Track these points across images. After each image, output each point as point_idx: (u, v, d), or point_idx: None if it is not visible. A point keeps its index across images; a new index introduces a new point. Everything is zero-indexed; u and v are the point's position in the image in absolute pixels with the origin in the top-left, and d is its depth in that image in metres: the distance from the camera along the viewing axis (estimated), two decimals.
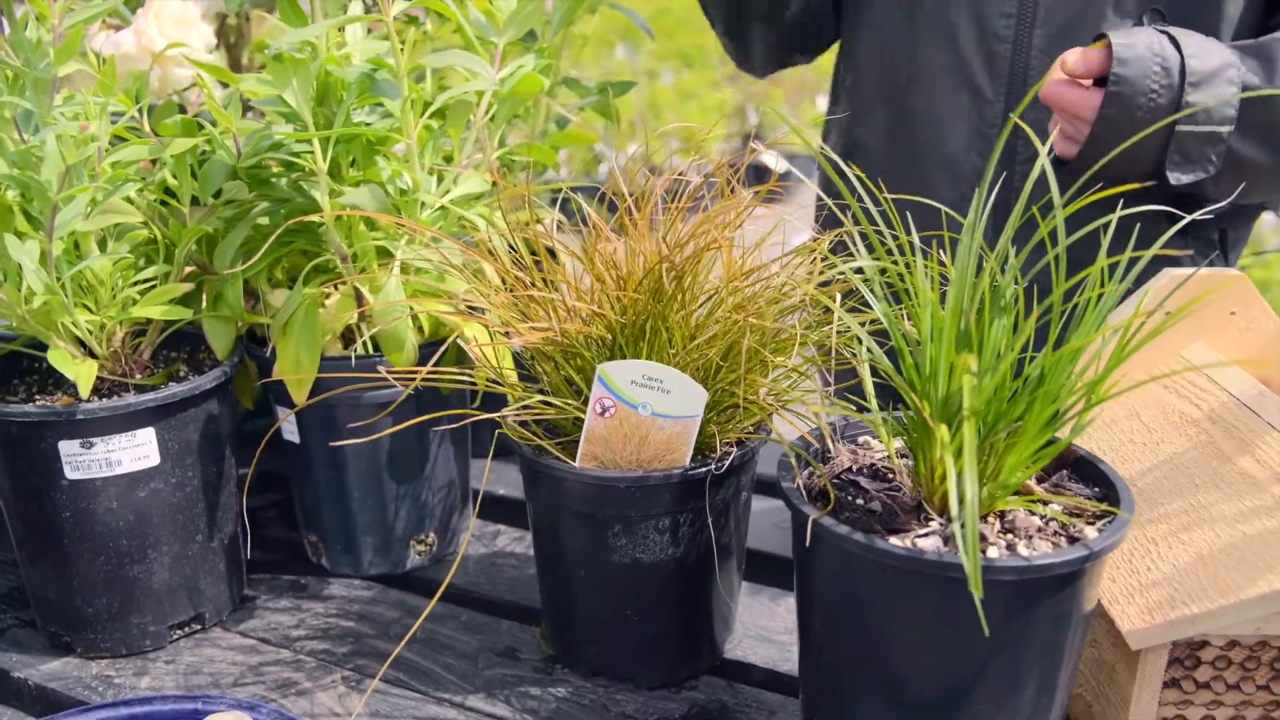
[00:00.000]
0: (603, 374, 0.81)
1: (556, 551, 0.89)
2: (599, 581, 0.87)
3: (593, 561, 0.86)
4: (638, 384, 0.81)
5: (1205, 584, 0.70)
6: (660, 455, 0.83)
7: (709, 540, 0.86)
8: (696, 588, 0.88)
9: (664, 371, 0.80)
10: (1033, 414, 0.68)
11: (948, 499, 0.71)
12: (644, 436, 0.82)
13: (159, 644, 0.95)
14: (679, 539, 0.85)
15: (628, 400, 0.82)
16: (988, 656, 0.68)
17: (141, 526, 0.91)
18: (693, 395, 0.81)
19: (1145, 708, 0.75)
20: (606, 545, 0.85)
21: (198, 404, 0.92)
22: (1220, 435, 0.80)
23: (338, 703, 0.88)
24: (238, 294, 0.93)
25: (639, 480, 0.81)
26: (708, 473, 0.82)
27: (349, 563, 1.06)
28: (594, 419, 0.83)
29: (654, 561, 0.85)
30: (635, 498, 0.82)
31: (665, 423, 0.82)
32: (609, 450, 0.83)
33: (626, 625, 0.88)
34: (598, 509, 0.84)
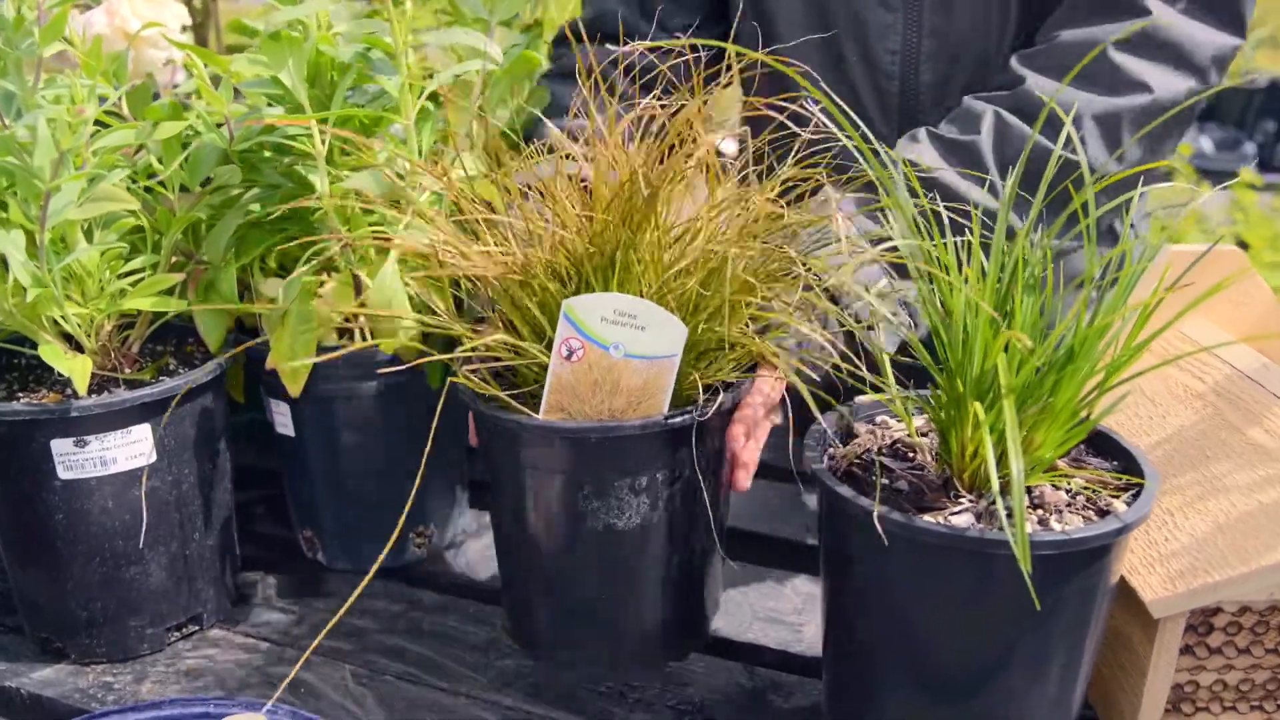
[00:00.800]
0: (569, 310, 0.72)
1: (518, 523, 0.81)
2: (568, 555, 0.79)
3: (560, 531, 0.78)
4: (609, 321, 0.72)
5: (1225, 552, 0.72)
6: (635, 403, 0.74)
7: (694, 501, 0.77)
8: (682, 557, 0.81)
9: (639, 305, 0.72)
10: (1062, 391, 0.69)
11: (977, 476, 0.72)
12: (616, 381, 0.74)
13: (157, 647, 0.92)
14: (659, 500, 0.76)
15: (597, 340, 0.73)
16: (1021, 631, 0.69)
17: (138, 526, 0.88)
18: (672, 332, 0.72)
19: (1162, 675, 0.76)
20: (576, 510, 0.76)
21: (193, 398, 0.89)
22: (1226, 408, 0.82)
23: (350, 700, 0.86)
24: (231, 284, 0.90)
25: (611, 430, 0.73)
26: (692, 420, 0.74)
27: (347, 557, 1.03)
28: (559, 363, 0.74)
29: (631, 528, 0.76)
30: (607, 452, 0.73)
31: (640, 365, 0.73)
32: (576, 399, 0.74)
33: (602, 605, 0.81)
34: (565, 468, 0.75)
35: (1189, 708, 0.79)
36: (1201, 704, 0.79)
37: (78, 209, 0.80)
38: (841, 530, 0.72)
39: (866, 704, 0.75)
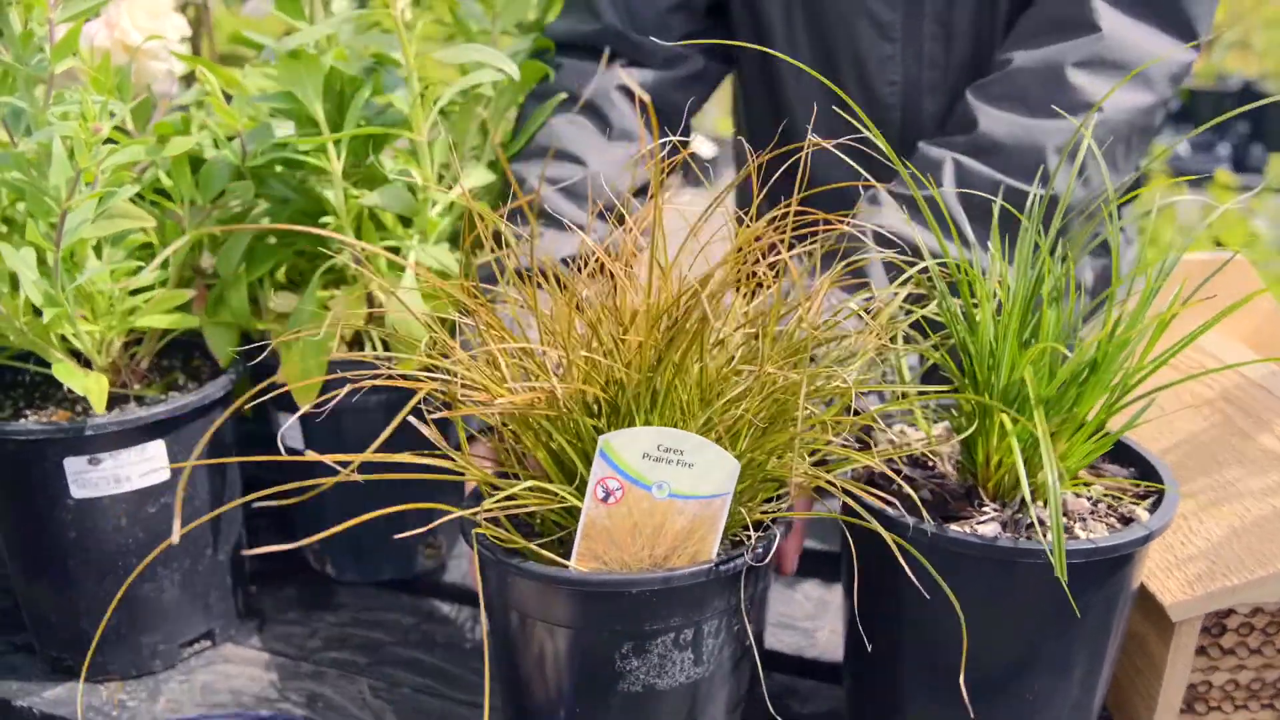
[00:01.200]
0: (606, 447, 0.64)
1: (539, 686, 0.71)
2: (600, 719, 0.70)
3: (591, 696, 0.68)
4: (651, 458, 0.64)
5: (1242, 556, 0.74)
6: (678, 548, 0.67)
7: (741, 650, 0.70)
8: (725, 716, 0.73)
9: (686, 439, 0.64)
10: (1084, 402, 0.70)
11: (1001, 486, 0.73)
12: (659, 525, 0.66)
13: (170, 663, 0.92)
14: (704, 654, 0.68)
15: (638, 480, 0.65)
16: (1046, 638, 0.70)
17: (152, 544, 0.87)
18: (723, 468, 0.65)
19: (1179, 675, 0.78)
20: (612, 672, 0.67)
21: (206, 414, 0.88)
22: (1236, 414, 0.83)
23: (370, 713, 0.86)
24: (242, 298, 0.90)
25: (661, 582, 0.64)
26: (742, 566, 0.67)
27: (356, 569, 1.03)
28: (594, 506, 0.65)
29: (673, 687, 0.68)
30: (652, 605, 0.65)
31: (687, 505, 0.65)
32: (613, 546, 0.66)
33: None
34: (602, 625, 0.66)
35: (1202, 707, 0.80)
36: (1214, 703, 0.80)
37: (92, 227, 0.79)
38: (867, 539, 0.73)
39: (889, 710, 0.76)
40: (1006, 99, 0.92)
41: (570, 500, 0.67)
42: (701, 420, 0.68)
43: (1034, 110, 0.90)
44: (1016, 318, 0.68)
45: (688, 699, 0.69)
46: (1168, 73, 0.92)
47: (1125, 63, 0.90)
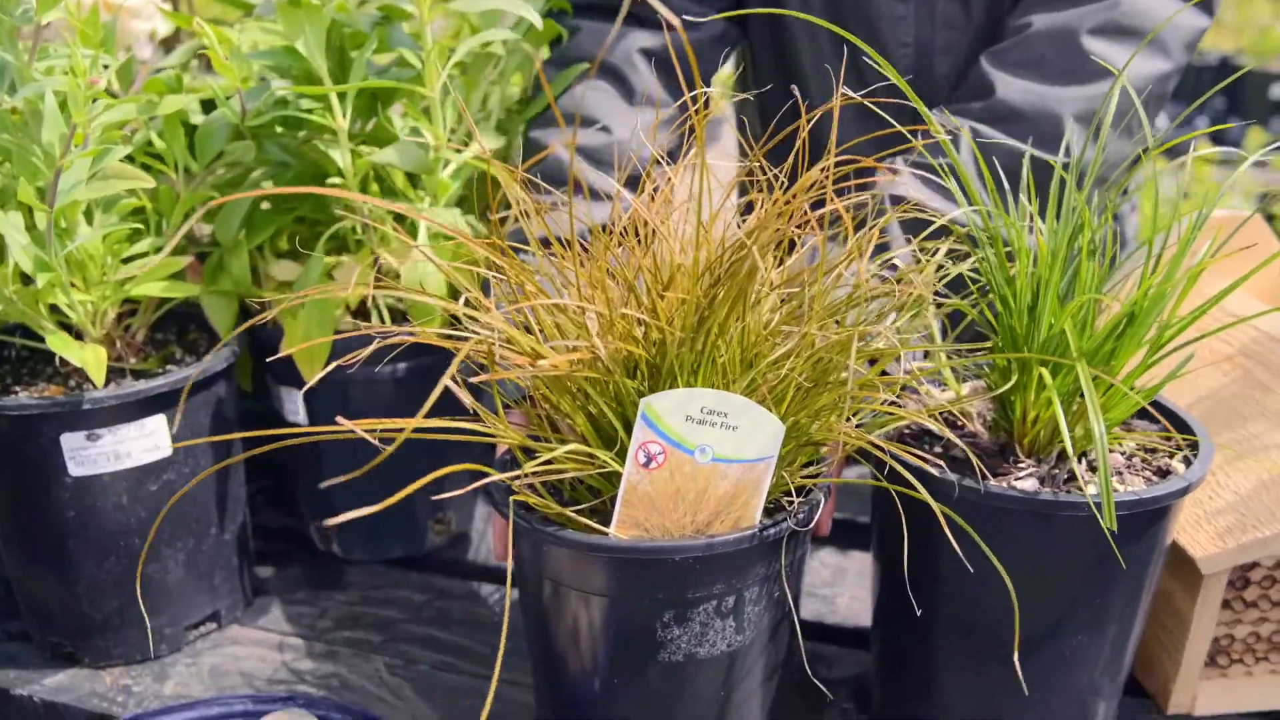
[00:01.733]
0: (648, 410, 0.62)
1: (572, 657, 0.69)
2: (639, 691, 0.67)
3: (630, 665, 0.67)
4: (694, 420, 0.62)
5: (1272, 508, 0.74)
6: (721, 513, 0.65)
7: (781, 616, 0.69)
8: (767, 680, 0.71)
9: (729, 401, 0.62)
10: (1121, 355, 0.69)
11: (1037, 442, 0.72)
12: (702, 490, 0.64)
13: (176, 646, 0.89)
14: (746, 621, 0.66)
15: (681, 444, 0.63)
16: (1084, 594, 0.69)
17: (154, 522, 0.84)
18: (767, 431, 0.62)
19: (1205, 628, 0.78)
20: (653, 641, 0.65)
21: (207, 387, 0.85)
22: (1257, 369, 0.84)
23: (388, 691, 0.84)
24: (243, 266, 0.86)
25: (704, 548, 0.62)
26: (784, 531, 0.65)
27: (364, 547, 1.00)
28: (635, 471, 0.63)
29: (714, 656, 0.67)
30: (695, 572, 0.63)
31: (731, 470, 0.63)
32: (654, 512, 0.64)
33: None
34: (643, 593, 0.64)
35: (1224, 660, 0.81)
36: (1236, 656, 0.81)
37: (87, 188, 0.75)
38: (904, 501, 0.72)
39: (922, 672, 0.76)
40: (1022, 66, 0.91)
41: (611, 465, 0.65)
42: (745, 382, 0.65)
43: (1049, 77, 0.89)
44: (1057, 270, 0.67)
45: (728, 667, 0.67)
46: (1183, 39, 0.92)
47: (1141, 29, 0.90)
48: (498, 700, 0.83)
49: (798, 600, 0.71)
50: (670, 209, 0.69)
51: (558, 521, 0.66)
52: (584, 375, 0.64)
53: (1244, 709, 0.81)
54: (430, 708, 0.82)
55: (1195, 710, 0.80)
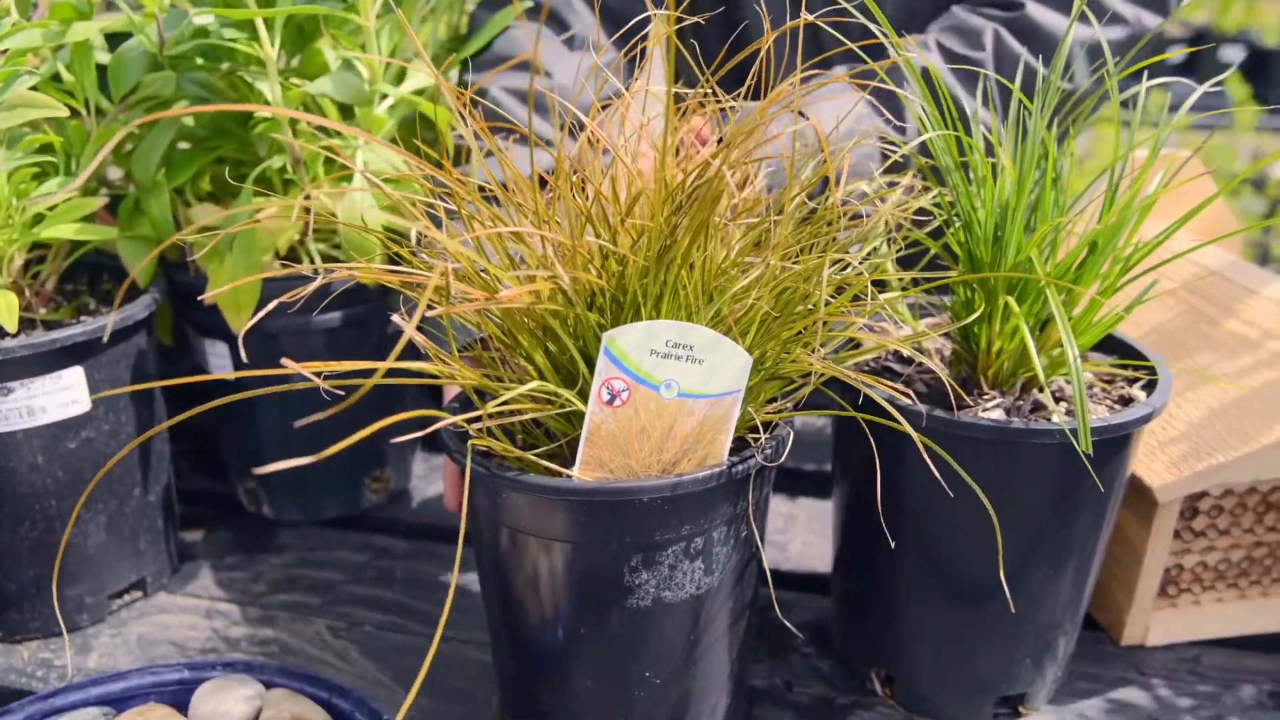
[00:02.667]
0: (611, 345, 0.59)
1: (532, 607, 0.66)
2: (605, 638, 0.64)
3: (596, 612, 0.64)
4: (659, 355, 0.59)
5: (1224, 435, 0.75)
6: (687, 451, 0.62)
7: (750, 557, 0.67)
8: (736, 624, 0.68)
9: (695, 333, 0.59)
10: (1084, 282, 0.69)
11: (1000, 374, 0.72)
12: (668, 427, 0.61)
13: (98, 617, 0.83)
14: (714, 563, 0.64)
15: (646, 379, 0.60)
16: (1052, 523, 0.69)
17: (73, 484, 0.78)
18: (734, 364, 0.60)
19: (1158, 559, 0.79)
20: (621, 586, 0.63)
21: (128, 337, 0.80)
22: (1201, 303, 0.85)
23: (331, 654, 0.80)
24: (164, 208, 0.81)
25: (672, 488, 0.59)
26: (753, 467, 0.63)
27: (298, 508, 0.96)
28: (599, 410, 0.60)
29: (681, 600, 0.64)
30: (663, 513, 0.61)
31: (697, 405, 0.61)
32: (619, 452, 0.61)
33: (642, 692, 0.66)
34: (610, 537, 0.61)
35: (1173, 590, 0.82)
36: (1184, 586, 0.82)
37: None
38: (872, 432, 0.71)
39: (885, 612, 0.75)
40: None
41: (573, 405, 0.61)
42: (709, 314, 0.63)
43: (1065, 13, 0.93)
44: (1023, 196, 0.66)
45: (696, 610, 0.65)
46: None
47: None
48: (449, 659, 0.79)
49: (763, 541, 0.69)
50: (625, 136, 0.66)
51: (516, 467, 0.62)
52: (546, 308, 0.61)
53: (1193, 638, 0.82)
54: (379, 669, 0.78)
55: (1147, 641, 0.82)
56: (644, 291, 0.62)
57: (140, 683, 0.72)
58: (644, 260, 0.61)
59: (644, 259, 0.61)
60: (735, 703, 0.71)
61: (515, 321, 0.63)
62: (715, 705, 0.70)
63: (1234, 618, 0.82)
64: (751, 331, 0.65)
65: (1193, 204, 0.95)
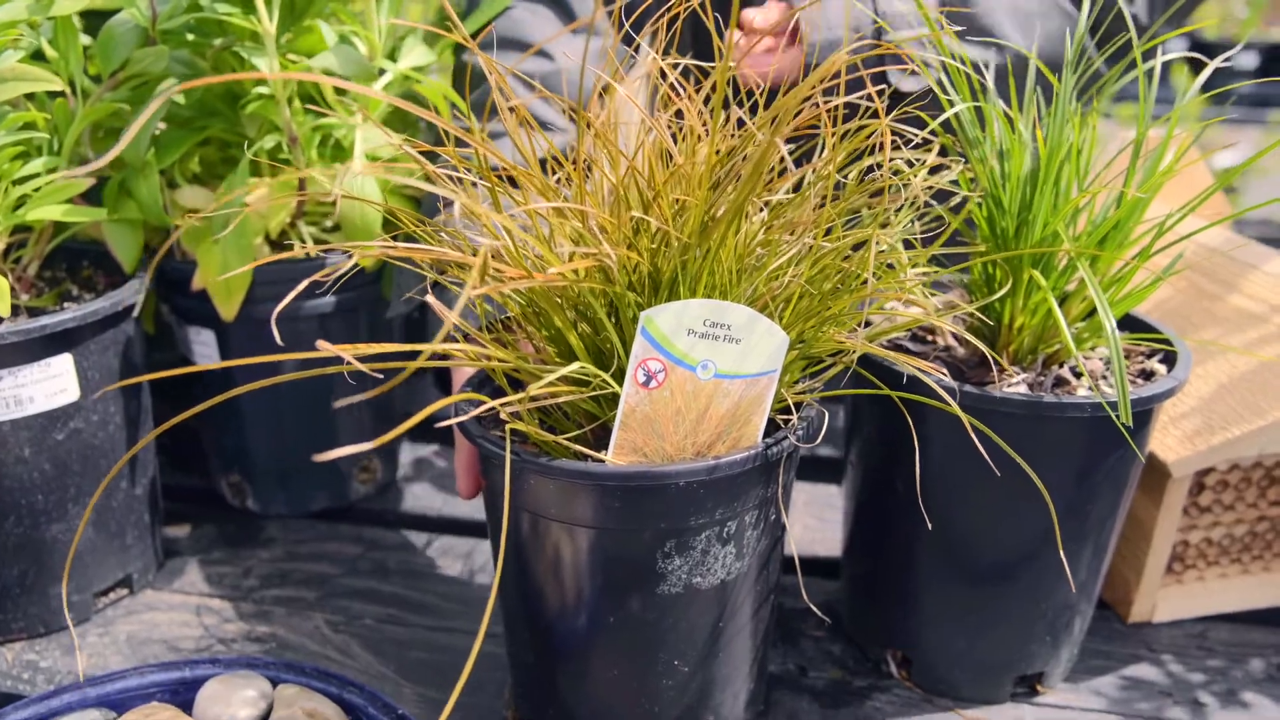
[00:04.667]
0: (648, 325, 0.57)
1: (558, 594, 0.64)
2: (634, 626, 0.63)
3: (625, 599, 0.62)
4: (696, 334, 0.58)
5: (1237, 409, 0.75)
6: (722, 434, 0.60)
7: (776, 540, 0.66)
8: (765, 608, 0.68)
9: (733, 312, 0.57)
10: (1105, 260, 0.69)
11: (1021, 350, 0.71)
12: (703, 409, 0.59)
13: (84, 616, 0.79)
14: (745, 547, 0.63)
15: (682, 360, 0.58)
16: (1075, 497, 0.68)
17: (61, 478, 0.75)
18: (772, 344, 0.59)
19: (1167, 535, 0.79)
20: (652, 572, 0.61)
21: (116, 324, 0.76)
22: (1202, 280, 0.85)
23: (332, 649, 0.77)
24: (153, 190, 0.77)
25: (708, 471, 0.58)
26: (784, 450, 0.61)
27: (284, 501, 0.93)
28: (635, 392, 0.58)
29: (714, 585, 0.63)
30: (699, 497, 0.59)
31: (733, 386, 0.59)
32: (654, 435, 0.59)
33: (669, 680, 0.65)
34: (644, 522, 0.60)
35: (1179, 566, 0.83)
36: (1190, 562, 0.83)
37: None
38: (891, 413, 0.70)
39: (900, 595, 0.74)
40: None
41: (608, 387, 0.59)
42: (744, 292, 0.61)
43: None
44: (1054, 170, 0.66)
45: (725, 596, 0.63)
46: None
47: None
48: (457, 651, 0.77)
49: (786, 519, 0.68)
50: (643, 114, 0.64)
51: (547, 452, 0.60)
52: (586, 287, 0.58)
53: (1199, 613, 0.83)
54: (382, 662, 0.76)
55: (1155, 618, 0.82)
56: (683, 269, 0.59)
57: (140, 682, 0.68)
58: (686, 237, 0.58)
59: (686, 235, 0.58)
60: (757, 687, 0.70)
61: (550, 301, 0.60)
62: (738, 691, 0.68)
63: (1239, 593, 0.83)
64: (789, 310, 0.63)
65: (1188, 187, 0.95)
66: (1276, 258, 0.85)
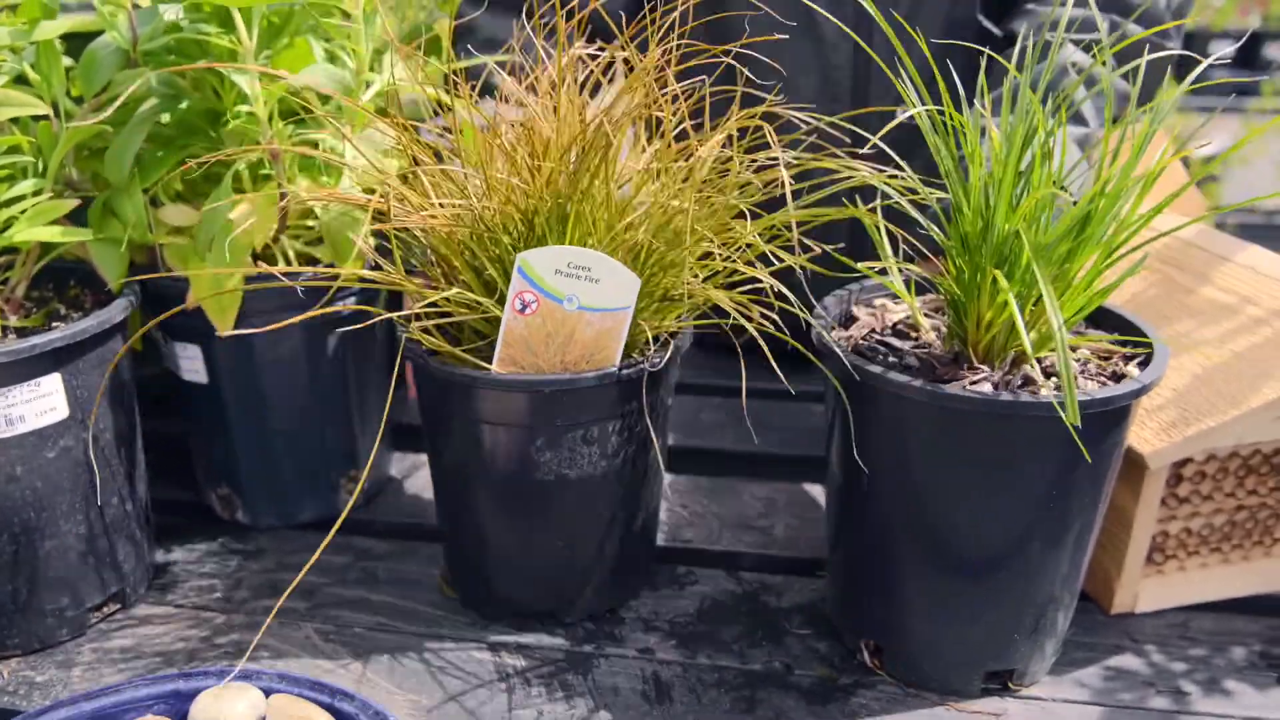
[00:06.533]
0: (523, 264, 0.71)
1: (465, 476, 0.79)
2: (519, 505, 0.78)
3: (511, 483, 0.77)
4: (563, 274, 0.72)
5: (1212, 399, 0.76)
6: (588, 355, 0.74)
7: (642, 448, 0.78)
8: (631, 503, 0.80)
9: (592, 258, 0.71)
10: (1078, 259, 0.70)
11: (992, 348, 0.72)
12: (570, 334, 0.73)
13: (78, 631, 0.80)
14: (609, 449, 0.76)
15: (551, 293, 0.72)
16: (1047, 498, 0.69)
17: (53, 495, 0.76)
18: (624, 284, 0.72)
19: (1146, 526, 0.80)
20: (530, 461, 0.75)
21: (104, 342, 0.77)
22: (1175, 273, 0.86)
23: (324, 658, 0.78)
24: (139, 209, 0.78)
25: (568, 383, 0.72)
26: (643, 371, 0.74)
27: (274, 512, 0.93)
28: (513, 317, 0.73)
29: (582, 477, 0.76)
30: (563, 404, 0.73)
31: (594, 317, 0.73)
32: (529, 352, 0.74)
33: (551, 553, 0.79)
34: (519, 420, 0.74)
35: (1160, 557, 0.84)
36: (1170, 552, 0.84)
37: None
38: (861, 411, 0.71)
39: (887, 596, 0.75)
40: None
41: (493, 311, 0.74)
42: (606, 241, 0.74)
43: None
44: (1010, 168, 0.67)
45: (595, 487, 0.77)
46: None
47: None
48: (443, 656, 0.78)
49: (663, 434, 0.81)
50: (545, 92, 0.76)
51: (453, 361, 0.75)
52: (467, 230, 0.73)
53: (1181, 603, 0.84)
54: (374, 671, 0.77)
55: (1137, 608, 0.83)
56: (549, 222, 0.73)
57: (134, 695, 0.69)
58: (550, 197, 0.72)
59: (550, 195, 0.72)
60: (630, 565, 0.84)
61: (449, 244, 0.74)
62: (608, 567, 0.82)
63: (1220, 582, 0.84)
64: (642, 258, 0.76)
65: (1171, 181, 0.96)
66: (1247, 249, 0.86)
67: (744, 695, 0.75)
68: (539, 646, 0.80)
